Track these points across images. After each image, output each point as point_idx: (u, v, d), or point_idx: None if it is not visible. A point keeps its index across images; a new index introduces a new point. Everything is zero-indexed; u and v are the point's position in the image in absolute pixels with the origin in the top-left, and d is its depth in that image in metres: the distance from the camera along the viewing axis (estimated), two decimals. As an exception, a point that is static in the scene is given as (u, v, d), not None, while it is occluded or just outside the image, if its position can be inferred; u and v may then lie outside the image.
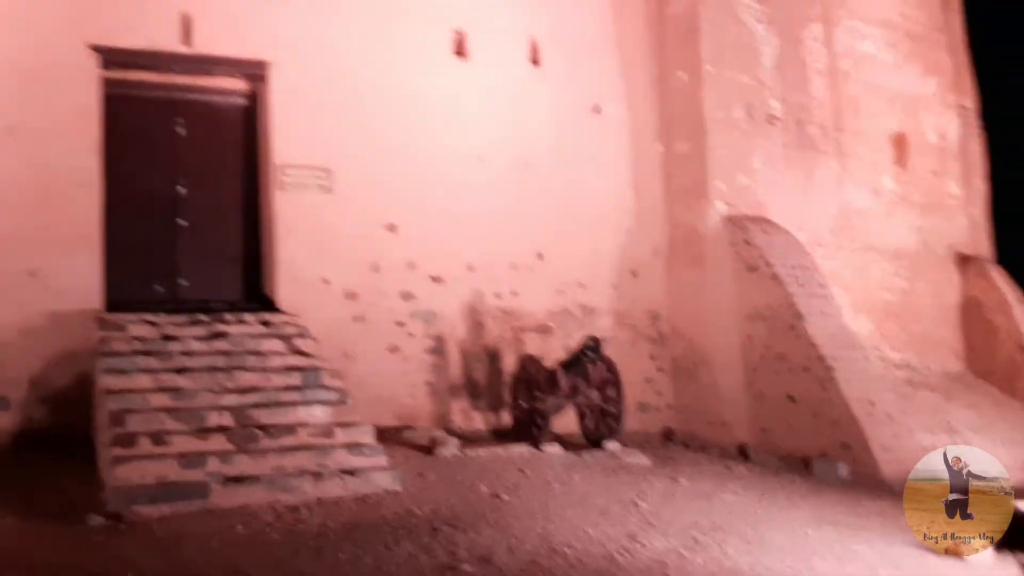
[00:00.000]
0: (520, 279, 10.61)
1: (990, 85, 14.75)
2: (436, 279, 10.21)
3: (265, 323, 8.79)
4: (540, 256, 10.75)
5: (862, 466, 9.27)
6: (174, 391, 7.34)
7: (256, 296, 9.71)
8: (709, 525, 5.80)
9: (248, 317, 8.86)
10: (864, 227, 12.68)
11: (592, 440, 8.90)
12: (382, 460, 7.03)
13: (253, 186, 9.90)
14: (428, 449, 8.12)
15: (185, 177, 9.66)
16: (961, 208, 14.07)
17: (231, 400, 7.39)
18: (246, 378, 7.73)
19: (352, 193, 9.87)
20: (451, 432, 9.42)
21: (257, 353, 8.19)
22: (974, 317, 13.68)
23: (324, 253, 9.68)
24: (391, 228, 10.06)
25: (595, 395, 8.84)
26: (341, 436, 7.19)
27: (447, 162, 10.38)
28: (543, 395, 8.52)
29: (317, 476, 6.62)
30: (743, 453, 10.08)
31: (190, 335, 8.29)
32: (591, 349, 8.66)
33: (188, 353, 7.95)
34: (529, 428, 8.74)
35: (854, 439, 9.48)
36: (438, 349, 10.11)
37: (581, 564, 4.89)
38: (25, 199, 8.60)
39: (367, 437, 7.27)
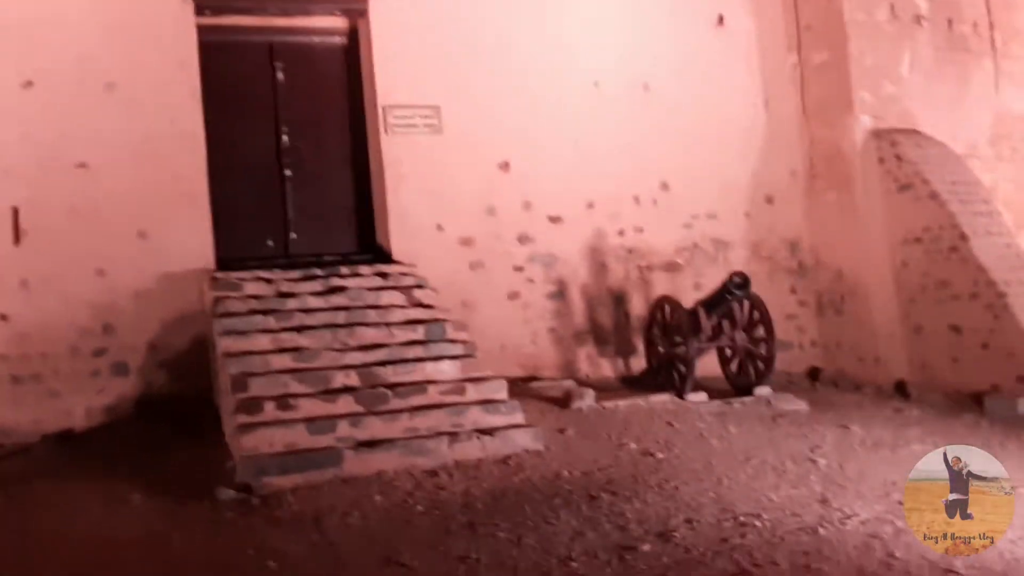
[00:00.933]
0: (644, 214, 9.82)
1: None
2: (554, 219, 9.52)
3: (382, 275, 8.30)
4: (665, 187, 9.92)
5: (1044, 399, 8.24)
6: (295, 351, 6.93)
7: (369, 247, 9.23)
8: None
9: (364, 269, 8.38)
10: (1022, 135, 11.33)
11: (740, 386, 8.14)
12: (519, 417, 6.48)
13: (359, 131, 9.35)
14: (562, 402, 7.52)
15: (288, 125, 9.17)
16: None
17: (355, 358, 6.93)
18: (368, 334, 7.26)
19: (462, 132, 9.22)
20: (578, 381, 8.82)
21: (376, 307, 7.71)
22: None
23: (436, 198, 9.10)
24: (504, 167, 9.39)
25: (741, 337, 8.06)
26: (473, 392, 6.65)
27: (561, 91, 9.60)
28: (684, 338, 7.77)
29: (453, 437, 6.11)
30: (902, 391, 9.16)
31: (306, 291, 7.86)
32: (738, 287, 7.84)
33: (306, 310, 7.53)
34: (668, 375, 8.03)
35: (1032, 372, 8.44)
36: (560, 294, 9.47)
37: (780, 541, 4.20)
38: (129, 158, 8.25)
39: (501, 392, 6.72)
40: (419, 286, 8.15)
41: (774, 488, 5.04)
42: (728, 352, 8.30)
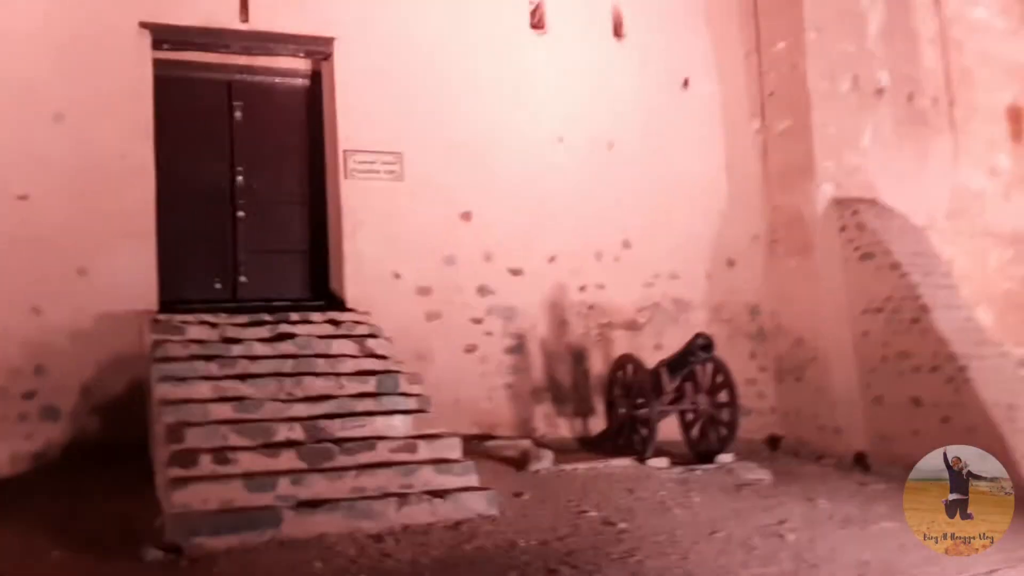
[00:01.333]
0: (606, 270, 9.66)
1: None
2: (515, 272, 9.31)
3: (333, 322, 7.97)
4: (627, 244, 9.78)
5: (1004, 478, 8.11)
6: (237, 401, 6.54)
7: (323, 293, 8.92)
8: (882, 566, 4.80)
9: (315, 316, 8.05)
10: (980, 210, 11.43)
11: (701, 452, 7.91)
12: (473, 479, 6.15)
13: (317, 174, 9.10)
14: (519, 463, 7.21)
15: (244, 165, 8.89)
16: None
17: (301, 410, 6.57)
18: (316, 384, 6.91)
19: (424, 179, 9.01)
20: (535, 441, 8.52)
21: (327, 356, 7.37)
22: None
23: (395, 245, 8.85)
24: (465, 217, 9.18)
25: (704, 400, 7.85)
26: (425, 451, 6.32)
27: (525, 144, 9.47)
28: (646, 400, 7.53)
29: (402, 499, 5.75)
30: (862, 463, 9.00)
31: (253, 337, 7.50)
32: (702, 347, 7.65)
33: (251, 357, 7.16)
34: (629, 437, 7.77)
35: (992, 449, 8.28)
36: (518, 348, 9.21)
37: (754, 627, 3.95)
38: (74, 190, 7.89)
39: (455, 451, 6.39)
40: (372, 335, 7.84)
41: (743, 565, 4.77)
42: (690, 416, 8.08)
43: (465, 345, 9.00)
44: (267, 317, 7.89)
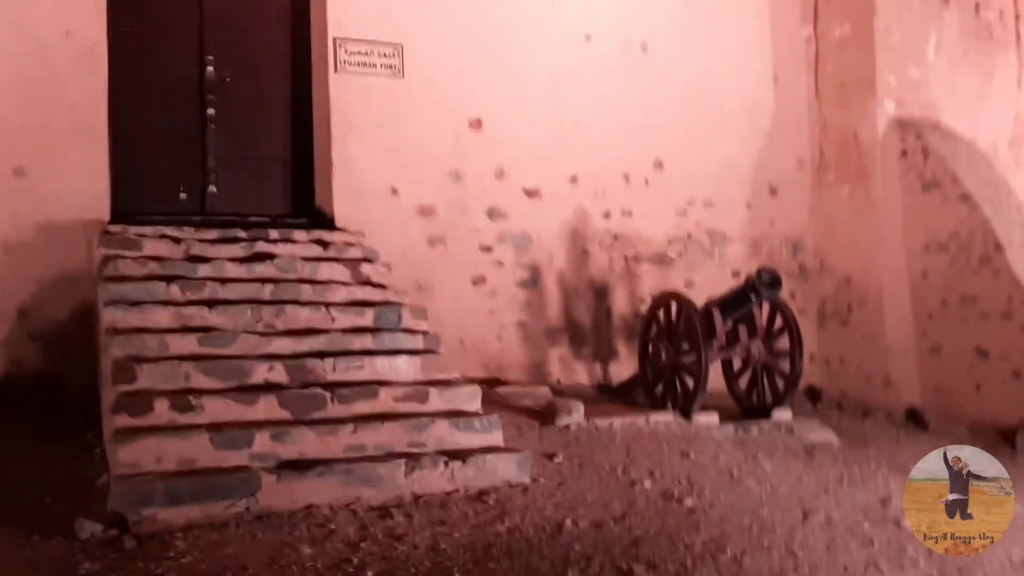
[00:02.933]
0: (634, 195, 8.39)
1: None
2: (531, 193, 8.02)
3: (321, 243, 6.69)
4: (659, 165, 8.51)
5: (1086, 442, 7.11)
6: (203, 332, 5.28)
7: (307, 209, 7.60)
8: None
9: (299, 235, 6.77)
10: (1042, 140, 10.28)
11: (751, 407, 6.77)
12: (498, 437, 4.95)
13: (303, 67, 7.70)
14: (544, 416, 6.01)
15: (215, 54, 7.48)
16: None
17: (283, 346, 5.32)
18: (301, 315, 5.66)
19: (427, 78, 7.65)
20: (551, 388, 7.37)
21: (313, 282, 6.10)
22: None
23: (392, 155, 7.52)
24: (475, 125, 7.85)
25: (758, 348, 6.67)
26: (438, 401, 5.11)
27: (547, 41, 8.11)
28: (695, 345, 6.35)
29: (412, 461, 4.54)
30: (917, 420, 7.94)
31: (224, 256, 6.21)
32: (768, 286, 6.44)
33: (222, 280, 5.88)
34: (670, 389, 6.59)
35: (1069, 409, 7.31)
36: (533, 281, 7.98)
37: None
38: (11, 79, 6.49)
39: (474, 402, 5.18)
40: (367, 259, 6.58)
41: (869, 566, 3.67)
42: (738, 365, 6.91)
43: (472, 276, 7.76)
44: (241, 234, 6.61)
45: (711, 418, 6.29)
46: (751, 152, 8.92)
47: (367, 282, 6.32)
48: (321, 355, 5.26)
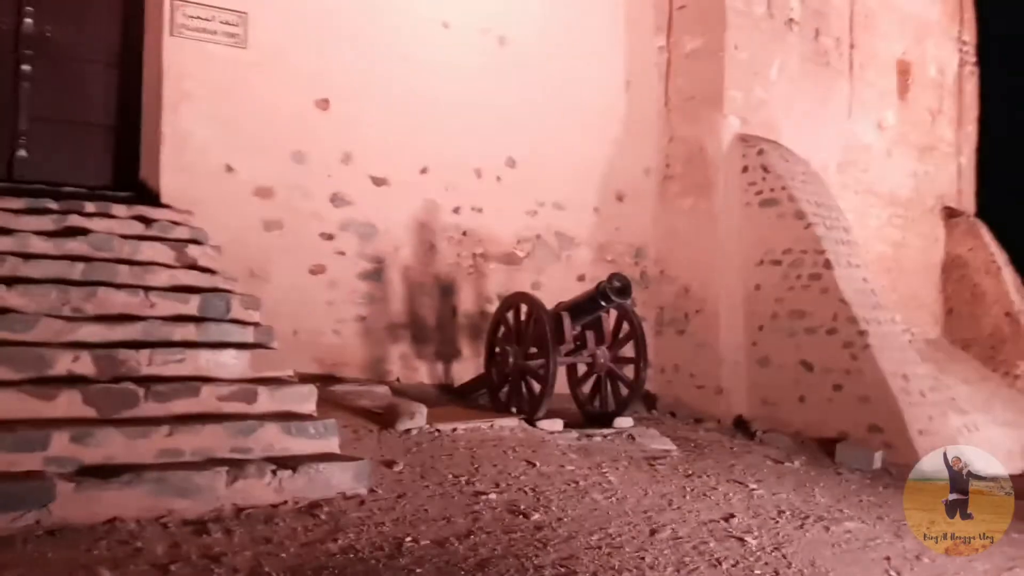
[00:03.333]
0: (486, 191, 8.20)
1: (990, 17, 13.13)
2: (379, 181, 7.68)
3: (143, 220, 6.10)
4: (512, 163, 8.35)
5: (898, 454, 7.50)
6: (1, 313, 4.64)
7: (130, 182, 6.95)
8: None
9: (119, 209, 6.14)
10: (867, 165, 10.91)
11: (595, 414, 6.70)
12: (334, 443, 4.60)
13: (135, 25, 7.02)
14: (384, 419, 5.69)
15: (36, 5, 6.73)
16: (952, 155, 12.55)
17: (92, 332, 4.75)
18: (116, 299, 5.09)
19: (272, 50, 7.16)
20: (391, 387, 7.07)
21: (132, 263, 5.53)
22: (956, 278, 12.28)
23: (229, 129, 6.98)
24: (322, 104, 7.42)
25: (604, 353, 6.62)
26: (268, 400, 4.70)
27: (403, 23, 7.78)
28: (544, 349, 6.20)
29: (235, 468, 4.13)
30: (743, 429, 8.18)
31: (30, 228, 5.54)
32: (618, 292, 6.38)
33: (24, 255, 5.23)
34: (515, 392, 6.42)
35: (888, 421, 7.70)
36: (376, 274, 7.63)
37: None
38: None
39: (309, 403, 4.81)
40: (196, 241, 6.05)
41: (714, 587, 3.61)
42: (583, 370, 6.84)
43: (311, 265, 7.33)
44: (52, 205, 5.94)
45: (555, 424, 6.18)
46: (602, 157, 8.93)
47: (193, 266, 5.81)
48: (136, 345, 4.74)
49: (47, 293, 4.92)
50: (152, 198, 6.66)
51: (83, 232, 5.62)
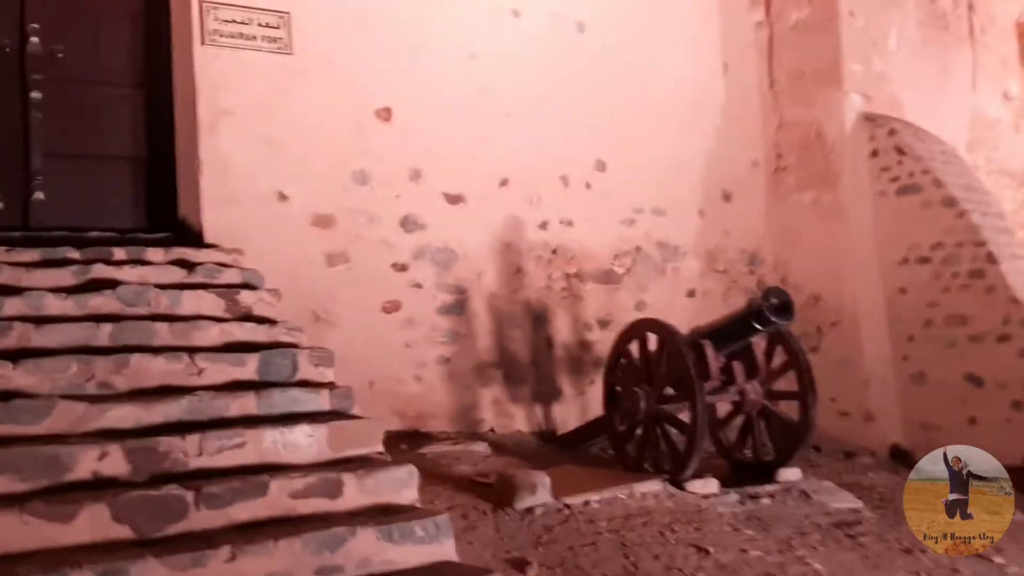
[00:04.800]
0: (575, 201, 7.03)
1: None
2: (453, 198, 6.55)
3: (184, 264, 5.02)
4: (601, 166, 7.17)
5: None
6: (3, 400, 3.56)
7: (166, 221, 5.90)
8: None
9: (154, 254, 5.08)
10: (995, 142, 9.50)
11: (747, 463, 5.43)
12: (449, 548, 3.41)
13: (159, 37, 6.00)
14: (497, 494, 4.49)
15: (43, 21, 5.73)
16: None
17: (124, 415, 3.64)
18: (154, 368, 3.99)
19: (323, 55, 6.10)
20: (488, 440, 5.92)
21: (173, 318, 4.44)
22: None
23: (279, 151, 5.92)
24: (384, 115, 6.33)
25: (756, 389, 5.36)
26: (356, 492, 3.54)
27: (468, 15, 6.68)
28: (685, 388, 4.95)
29: (322, 600, 2.99)
30: (903, 460, 6.83)
31: (44, 285, 4.49)
32: (778, 311, 5.12)
33: (38, 319, 4.16)
34: (650, 444, 5.18)
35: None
36: (458, 307, 6.49)
37: None
38: None
39: (408, 490, 3.63)
40: (249, 285, 4.95)
41: None
42: (726, 408, 5.57)
43: (383, 302, 6.21)
44: (73, 254, 4.90)
45: (709, 485, 4.91)
46: (702, 152, 7.70)
47: (248, 316, 4.71)
48: (181, 428, 3.63)
49: (65, 367, 3.83)
50: (194, 238, 5.60)
51: (110, 284, 4.55)
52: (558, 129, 6.93)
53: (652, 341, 5.26)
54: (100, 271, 4.70)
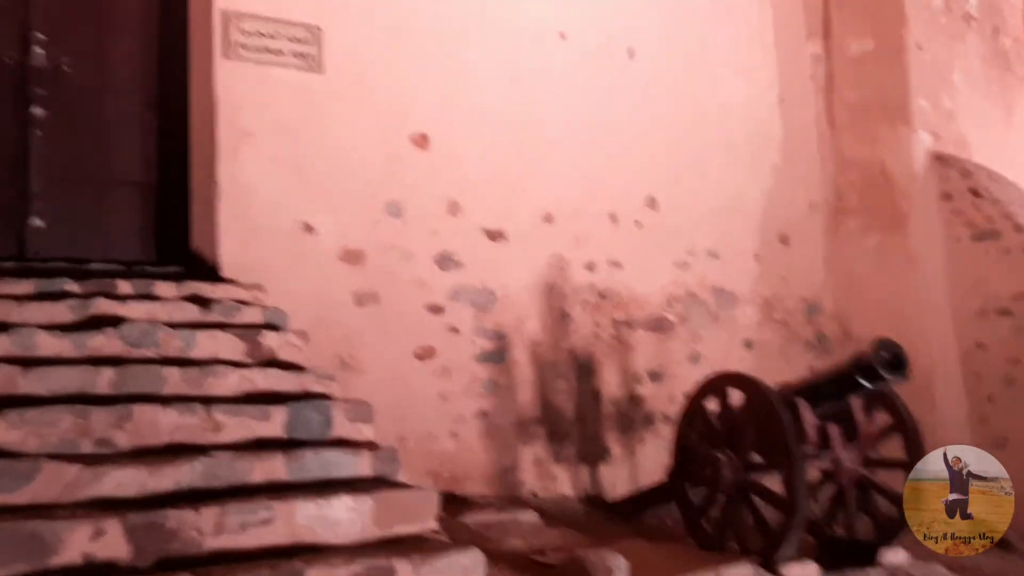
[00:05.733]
0: (624, 240, 6.41)
1: None
2: (493, 234, 5.93)
3: (199, 300, 4.39)
4: (652, 203, 6.57)
5: None
6: (-20, 459, 2.90)
7: (177, 253, 5.27)
8: None
9: (164, 288, 4.45)
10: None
11: (840, 541, 4.70)
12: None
13: (176, 52, 5.42)
14: (559, 577, 3.81)
15: (49, 32, 5.17)
16: None
17: (125, 481, 2.97)
18: (163, 422, 3.33)
19: (355, 74, 5.53)
20: (534, 505, 5.22)
21: (184, 362, 3.79)
22: None
23: (305, 177, 5.31)
24: (419, 141, 5.73)
25: (851, 456, 4.66)
26: (411, 583, 2.86)
27: (511, 37, 6.13)
28: (780, 454, 4.24)
29: None
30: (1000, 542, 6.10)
31: (37, 321, 3.84)
32: (890, 366, 4.46)
33: (26, 361, 3.51)
34: (732, 519, 4.46)
35: None
36: (498, 355, 5.83)
37: None
38: None
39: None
40: (272, 326, 4.31)
41: None
42: (816, 476, 4.86)
43: (417, 347, 5.55)
44: (71, 286, 4.26)
45: (807, 569, 4.21)
46: (758, 191, 7.12)
47: (272, 361, 4.06)
48: (195, 497, 2.96)
49: (57, 419, 3.17)
50: (208, 272, 4.97)
51: (113, 322, 3.90)
52: (606, 162, 6.36)
53: (734, 397, 4.59)
54: (102, 306, 4.06)
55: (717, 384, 4.71)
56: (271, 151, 5.22)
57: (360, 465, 3.39)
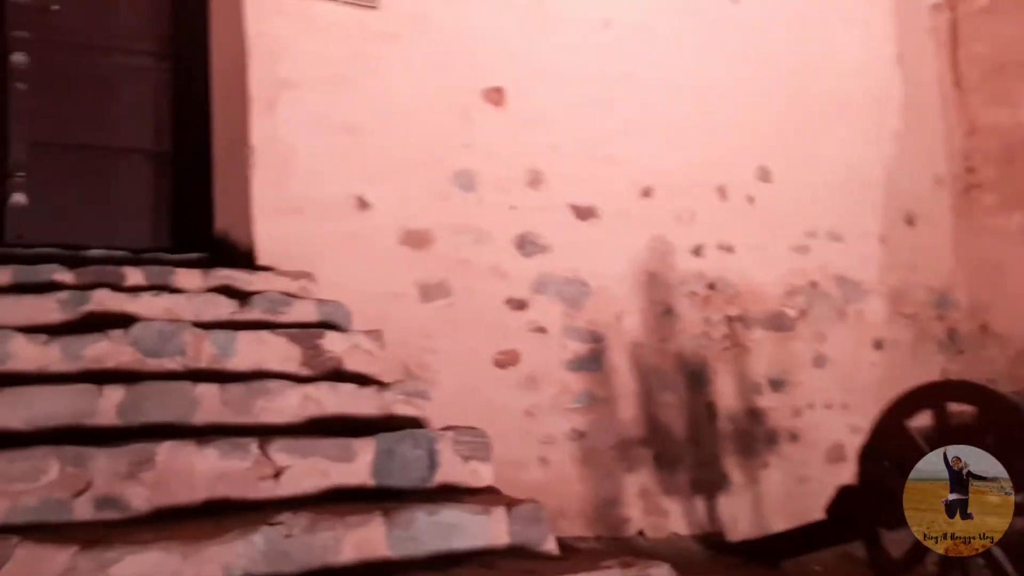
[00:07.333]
0: (734, 219, 5.30)
1: None
2: (583, 212, 4.82)
3: (233, 292, 3.30)
4: (765, 175, 5.46)
5: None
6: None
7: (198, 238, 4.18)
8: None
9: (186, 278, 3.37)
10: None
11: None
12: None
13: (190, -13, 4.35)
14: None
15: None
16: None
17: (146, 573, 1.86)
18: (197, 469, 2.22)
19: (419, 14, 4.46)
20: (649, 553, 4.12)
21: (221, 376, 2.68)
22: None
23: (357, 139, 4.22)
24: (494, 97, 4.63)
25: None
26: None
27: (601, -26, 5.03)
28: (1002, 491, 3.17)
29: None
30: None
31: (14, 320, 2.74)
32: None
33: (9, 376, 2.39)
34: (952, 569, 3.33)
35: None
36: (593, 360, 4.71)
37: None
38: None
39: None
40: (332, 325, 3.22)
41: None
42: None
43: (496, 352, 4.44)
44: (63, 275, 3.18)
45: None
46: (877, 162, 6.00)
47: (338, 372, 2.95)
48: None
49: (37, 468, 2.07)
50: (240, 258, 3.88)
51: (121, 321, 2.80)
52: (710, 125, 5.25)
53: (958, 415, 3.47)
54: (104, 301, 2.97)
55: (931, 397, 3.56)
56: (316, 106, 4.14)
57: (492, 528, 2.28)
